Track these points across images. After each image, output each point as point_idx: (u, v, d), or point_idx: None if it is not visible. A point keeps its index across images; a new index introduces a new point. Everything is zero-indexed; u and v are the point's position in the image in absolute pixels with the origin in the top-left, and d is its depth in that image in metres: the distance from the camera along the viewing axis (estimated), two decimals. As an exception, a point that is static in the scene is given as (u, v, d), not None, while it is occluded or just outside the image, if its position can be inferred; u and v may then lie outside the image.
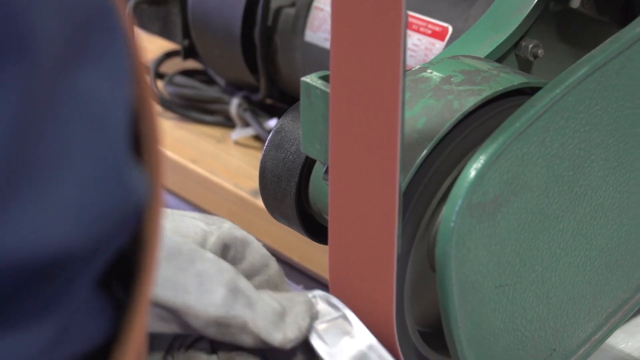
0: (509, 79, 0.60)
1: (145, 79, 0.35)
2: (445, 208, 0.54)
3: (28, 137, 0.29)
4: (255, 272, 0.56)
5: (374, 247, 0.54)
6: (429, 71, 0.61)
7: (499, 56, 0.67)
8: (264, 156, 0.65)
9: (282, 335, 0.53)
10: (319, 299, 0.55)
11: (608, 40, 0.61)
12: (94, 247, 0.31)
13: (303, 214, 0.65)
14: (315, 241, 0.66)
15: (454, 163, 0.58)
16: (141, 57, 0.34)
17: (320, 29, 0.96)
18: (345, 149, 0.53)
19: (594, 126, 0.59)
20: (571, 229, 0.61)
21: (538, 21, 0.68)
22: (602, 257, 0.64)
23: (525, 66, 0.68)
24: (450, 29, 0.87)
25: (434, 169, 0.57)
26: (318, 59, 0.96)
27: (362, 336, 0.54)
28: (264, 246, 0.58)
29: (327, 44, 0.94)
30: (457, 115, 0.57)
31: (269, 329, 0.52)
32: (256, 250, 0.56)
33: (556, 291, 0.61)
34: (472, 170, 0.54)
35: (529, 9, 0.67)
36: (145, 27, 1.12)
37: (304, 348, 0.54)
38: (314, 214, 0.65)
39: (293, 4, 1.00)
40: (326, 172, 0.56)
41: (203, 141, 1.07)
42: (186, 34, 1.08)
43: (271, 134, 0.65)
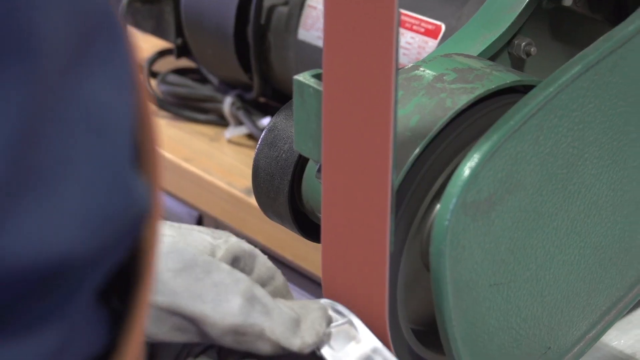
0: (501, 77, 0.60)
1: (144, 85, 0.34)
2: (439, 206, 0.54)
3: (31, 140, 0.28)
4: (262, 283, 0.56)
5: (366, 245, 0.54)
6: (421, 69, 0.61)
7: (492, 54, 0.67)
8: (257, 154, 0.64)
9: (301, 341, 0.53)
10: (326, 307, 0.56)
11: (601, 39, 0.61)
12: (97, 254, 0.31)
13: (296, 212, 0.65)
14: (308, 239, 0.66)
15: (446, 161, 0.57)
16: (138, 61, 0.34)
17: (313, 27, 0.96)
18: (338, 147, 0.53)
19: (587, 124, 0.59)
20: (565, 227, 0.61)
21: (531, 19, 0.68)
22: (596, 255, 0.64)
23: (518, 64, 0.68)
24: (443, 27, 0.87)
25: (427, 167, 0.57)
26: (311, 57, 0.96)
27: (368, 340, 0.54)
28: (258, 244, 0.58)
29: (320, 43, 0.94)
30: (450, 114, 0.57)
31: (287, 335, 0.53)
32: (262, 263, 0.57)
33: (550, 289, 0.61)
34: (467, 169, 0.54)
35: (522, 7, 0.67)
36: (139, 25, 1.12)
37: (309, 354, 0.55)
38: (307, 212, 0.65)
39: (286, 2, 0.99)
40: (319, 170, 0.56)
41: (196, 140, 1.07)
42: (179, 32, 1.08)
43: (264, 132, 0.64)
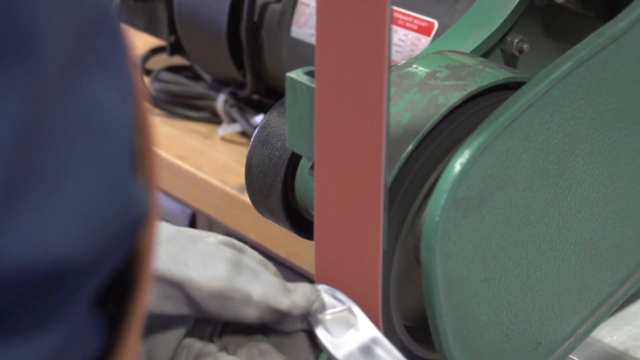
0: (494, 73, 0.60)
1: (141, 87, 0.34)
2: (430, 202, 0.54)
3: (31, 140, 0.28)
4: None
5: (359, 242, 0.54)
6: (414, 66, 0.61)
7: (485, 51, 0.67)
8: (250, 152, 0.65)
9: (290, 300, 0.52)
10: (324, 293, 0.55)
11: (592, 35, 0.61)
12: (96, 256, 0.30)
13: (289, 209, 0.65)
14: (301, 236, 0.66)
15: (439, 158, 0.58)
16: (135, 63, 0.34)
17: (306, 24, 0.97)
18: (331, 144, 0.53)
19: (578, 120, 0.60)
20: (556, 223, 0.61)
21: (523, 16, 0.68)
22: (586, 251, 0.64)
23: (510, 61, 0.69)
24: (436, 24, 0.87)
25: (420, 164, 0.57)
26: (304, 54, 0.96)
27: (367, 329, 0.54)
28: (251, 242, 0.58)
29: (313, 40, 0.94)
30: (443, 110, 0.57)
31: (276, 294, 0.52)
32: (253, 255, 0.56)
33: (541, 285, 0.61)
34: (457, 165, 0.54)
35: (514, 4, 0.68)
36: (132, 23, 1.12)
37: (310, 339, 0.54)
38: (300, 210, 0.65)
39: (279, 0, 1.00)
40: (312, 167, 0.56)
41: (190, 137, 1.07)
42: (172, 30, 1.08)
43: (257, 129, 0.65)
